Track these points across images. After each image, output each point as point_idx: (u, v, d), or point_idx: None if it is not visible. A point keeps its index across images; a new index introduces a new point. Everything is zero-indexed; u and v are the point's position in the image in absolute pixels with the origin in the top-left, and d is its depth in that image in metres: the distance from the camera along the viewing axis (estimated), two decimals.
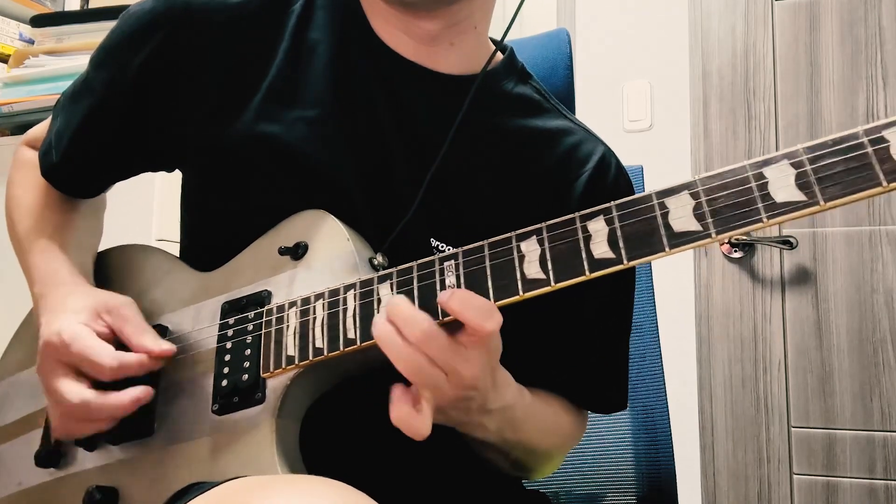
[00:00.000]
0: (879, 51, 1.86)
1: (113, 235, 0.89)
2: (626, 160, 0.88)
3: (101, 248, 0.85)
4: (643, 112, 2.09)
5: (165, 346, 0.67)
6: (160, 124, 0.76)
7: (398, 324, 0.57)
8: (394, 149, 0.73)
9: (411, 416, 0.57)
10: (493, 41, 0.85)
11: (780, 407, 1.87)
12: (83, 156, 0.80)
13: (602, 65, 2.14)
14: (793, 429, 1.85)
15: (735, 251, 1.94)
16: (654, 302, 1.04)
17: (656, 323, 1.03)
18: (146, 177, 0.86)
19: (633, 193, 0.84)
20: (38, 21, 1.69)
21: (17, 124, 1.64)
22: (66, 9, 1.98)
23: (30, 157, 0.87)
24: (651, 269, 1.05)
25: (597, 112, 2.10)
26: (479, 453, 0.74)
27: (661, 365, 1.02)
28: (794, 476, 1.84)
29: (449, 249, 0.70)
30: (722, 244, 1.95)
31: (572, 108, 1.05)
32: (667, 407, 1.00)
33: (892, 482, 1.76)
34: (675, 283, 1.96)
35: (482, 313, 0.56)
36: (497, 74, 0.81)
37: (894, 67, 1.85)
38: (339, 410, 0.69)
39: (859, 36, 1.88)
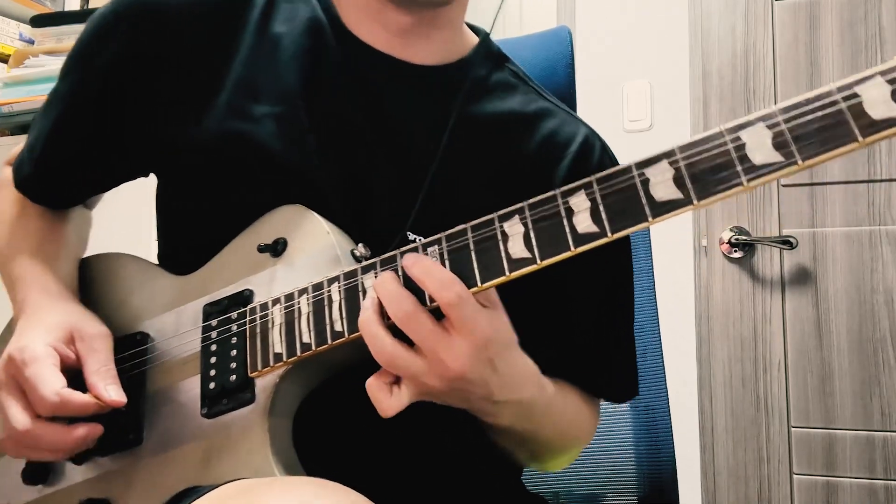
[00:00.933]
0: (879, 51, 1.86)
1: (111, 235, 0.89)
2: (626, 160, 0.87)
3: (94, 250, 0.84)
4: (643, 112, 2.09)
5: (115, 397, 0.65)
6: (128, 125, 0.75)
7: (383, 300, 0.57)
8: (366, 141, 0.72)
9: (381, 391, 0.58)
10: (471, 27, 0.83)
11: (780, 407, 1.87)
12: (55, 163, 0.79)
13: (602, 65, 2.14)
14: (793, 429, 1.85)
15: (735, 251, 1.94)
16: (655, 302, 1.04)
17: (657, 323, 1.03)
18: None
19: None
20: (38, 21, 1.69)
21: (17, 124, 1.65)
22: (66, 9, 1.99)
23: (10, 175, 0.85)
24: (652, 269, 1.05)
25: (597, 112, 2.10)
26: (492, 436, 0.73)
27: (662, 364, 1.02)
28: (794, 476, 1.84)
29: None
30: (722, 244, 1.95)
31: (574, 107, 1.05)
32: (668, 407, 1.00)
33: (892, 482, 1.76)
34: (675, 283, 1.96)
35: (440, 283, 0.56)
36: (471, 61, 0.79)
37: None
38: (332, 405, 0.68)
39: (859, 36, 1.88)
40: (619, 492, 0.96)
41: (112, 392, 0.65)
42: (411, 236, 0.70)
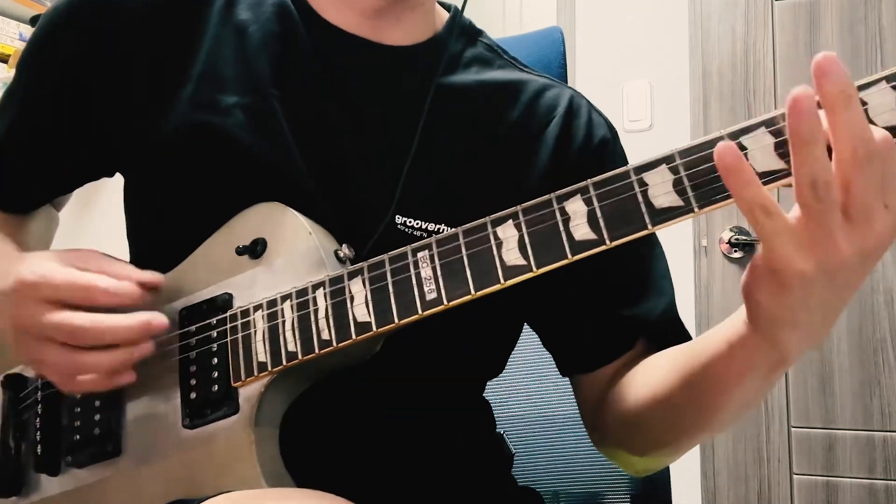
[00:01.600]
0: (879, 51, 1.86)
1: (111, 235, 0.88)
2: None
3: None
4: (643, 112, 2.09)
5: (151, 275, 0.62)
6: (89, 124, 0.72)
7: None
8: (341, 127, 0.70)
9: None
10: (442, 4, 0.81)
11: (780, 407, 1.87)
12: (12, 166, 0.75)
13: (602, 65, 2.13)
14: (793, 429, 1.85)
15: (735, 251, 1.94)
16: None
17: None
18: None
19: (614, 133, 0.79)
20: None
21: None
22: None
23: None
24: None
25: None
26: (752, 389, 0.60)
27: None
28: (794, 476, 1.84)
29: (417, 223, 0.67)
30: (722, 244, 1.95)
31: None
32: None
33: (892, 482, 1.76)
34: (675, 283, 1.96)
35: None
36: (442, 38, 0.77)
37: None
38: (318, 411, 0.66)
39: (859, 36, 1.88)
40: (615, 490, 0.96)
41: (148, 274, 0.62)
42: (399, 219, 0.68)
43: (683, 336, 0.74)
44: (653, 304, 0.75)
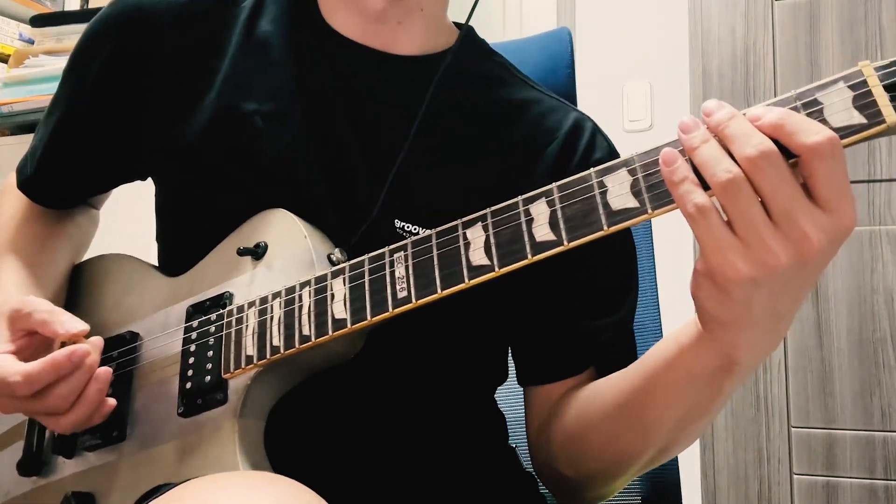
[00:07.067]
0: (879, 51, 1.86)
1: (121, 235, 0.90)
2: None
3: (106, 249, 0.85)
4: (643, 112, 2.09)
5: (77, 326, 0.66)
6: (122, 131, 0.77)
7: (724, 135, 0.48)
8: (350, 136, 0.73)
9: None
10: (458, 25, 0.83)
11: (780, 407, 1.87)
12: (54, 167, 0.82)
13: (602, 65, 2.14)
14: (793, 429, 1.85)
15: None
16: (658, 303, 1.04)
17: (660, 323, 1.03)
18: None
19: (616, 156, 0.80)
20: (38, 21, 1.70)
21: (17, 124, 1.65)
22: (66, 9, 1.99)
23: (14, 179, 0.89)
24: (654, 269, 1.05)
25: (597, 112, 2.08)
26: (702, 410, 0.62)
27: None
28: (794, 476, 1.84)
29: (415, 229, 0.70)
30: None
31: None
32: None
33: (892, 482, 1.76)
34: (675, 282, 1.96)
35: (805, 123, 0.46)
36: (453, 51, 0.78)
37: None
38: (310, 407, 0.68)
39: (859, 36, 1.88)
40: (623, 492, 0.96)
41: (70, 325, 0.66)
42: (398, 223, 0.70)
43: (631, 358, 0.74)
44: (609, 322, 0.76)
